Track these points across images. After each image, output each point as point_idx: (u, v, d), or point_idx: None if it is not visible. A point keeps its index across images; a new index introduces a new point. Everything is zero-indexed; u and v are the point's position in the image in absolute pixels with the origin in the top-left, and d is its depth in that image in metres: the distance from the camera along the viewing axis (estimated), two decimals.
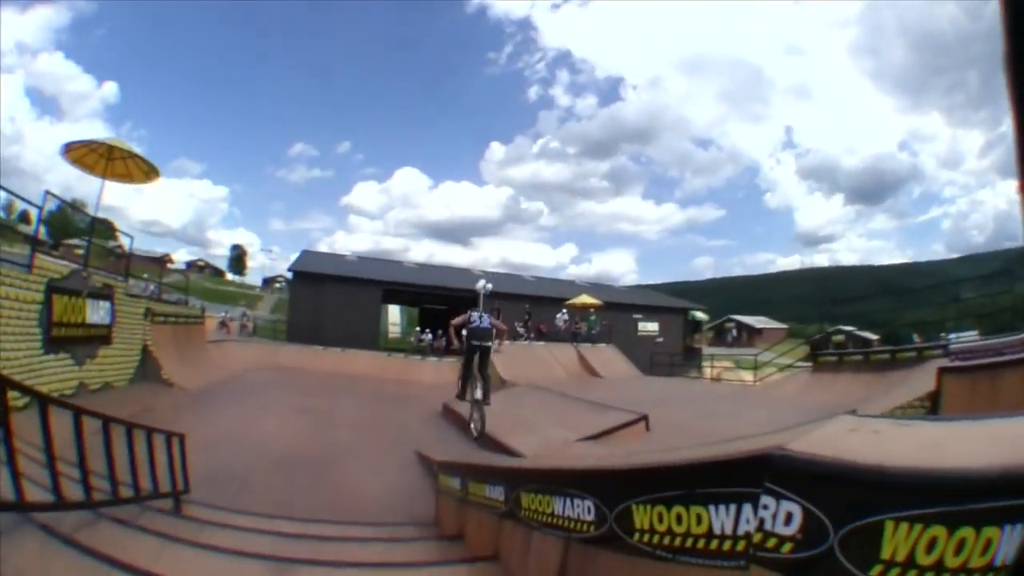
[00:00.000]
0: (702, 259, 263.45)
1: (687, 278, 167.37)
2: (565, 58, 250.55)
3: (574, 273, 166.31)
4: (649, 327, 33.65)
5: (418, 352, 24.68)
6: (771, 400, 12.97)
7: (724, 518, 1.57)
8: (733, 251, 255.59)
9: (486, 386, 6.93)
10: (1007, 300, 12.93)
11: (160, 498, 4.19)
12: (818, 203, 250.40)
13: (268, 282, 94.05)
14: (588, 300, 25.85)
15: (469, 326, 7.11)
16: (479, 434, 7.00)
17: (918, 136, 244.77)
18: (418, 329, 31.12)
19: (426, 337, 27.16)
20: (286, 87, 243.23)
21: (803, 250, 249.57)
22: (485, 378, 7.02)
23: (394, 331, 40.10)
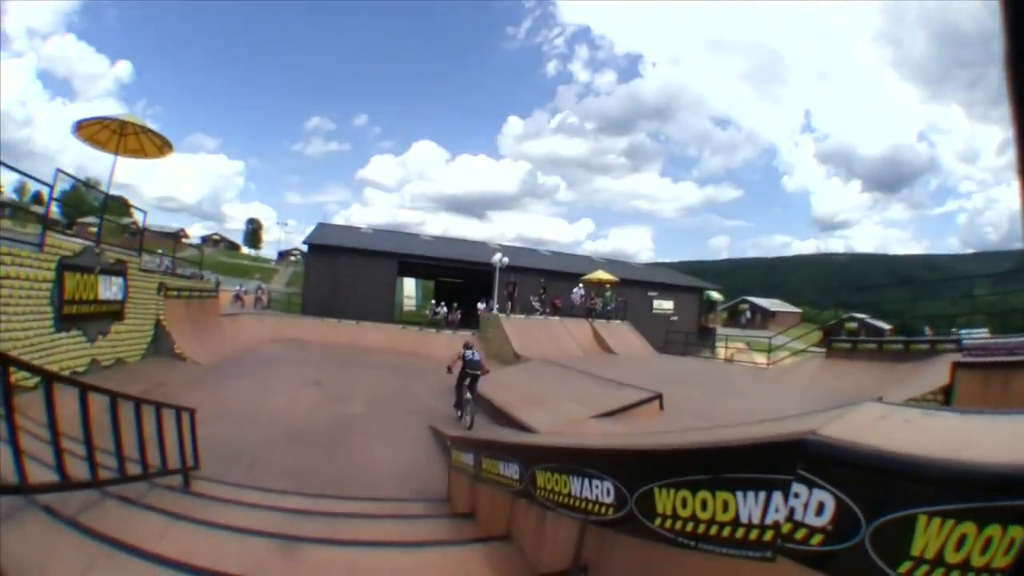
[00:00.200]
0: (718, 239, 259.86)
1: (702, 257, 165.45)
2: (584, 34, 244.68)
3: (590, 249, 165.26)
4: (664, 305, 33.37)
5: (433, 325, 24.72)
6: (785, 384, 12.84)
7: (752, 506, 1.48)
8: (749, 232, 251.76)
9: (474, 397, 9.29)
10: (1019, 300, 12.67)
11: (169, 475, 4.17)
12: (835, 188, 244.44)
13: (283, 255, 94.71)
14: (604, 276, 25.57)
15: (465, 359, 9.49)
16: (469, 427, 8.80)
17: (937, 128, 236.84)
18: (433, 302, 31.13)
19: (441, 310, 27.17)
20: (303, 60, 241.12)
21: (819, 235, 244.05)
22: (473, 392, 9.32)
23: (409, 304, 40.28)
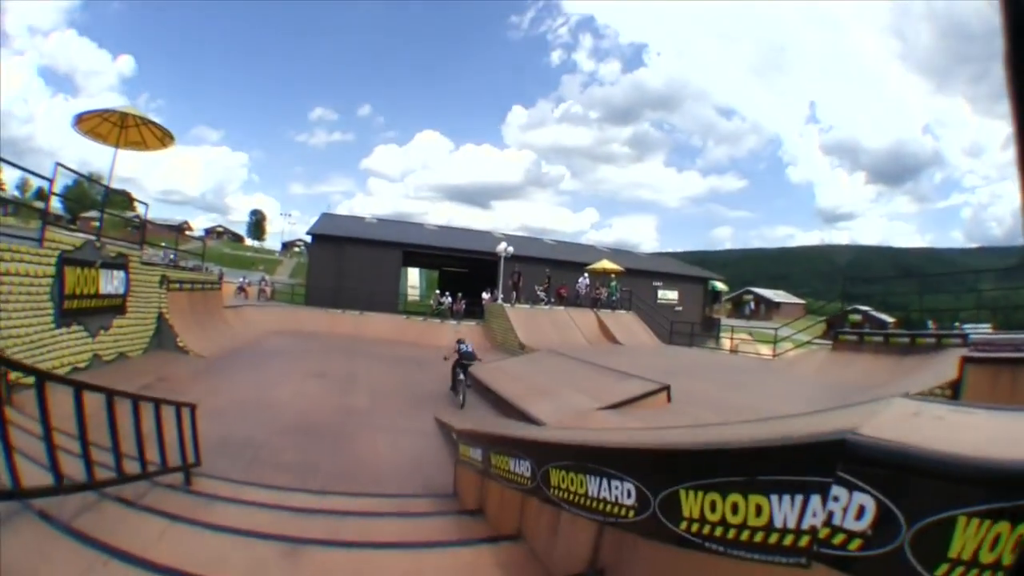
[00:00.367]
0: (722, 229, 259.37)
1: (706, 247, 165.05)
2: (589, 23, 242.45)
3: (594, 238, 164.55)
4: (669, 295, 33.20)
5: (437, 315, 24.64)
6: (792, 375, 12.76)
7: (788, 510, 1.40)
8: (753, 223, 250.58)
9: (467, 381, 10.81)
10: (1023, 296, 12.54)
11: (169, 473, 4.09)
12: (840, 180, 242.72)
13: (287, 246, 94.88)
14: (609, 266, 25.40)
15: (460, 352, 10.92)
16: (462, 405, 10.37)
17: (942, 122, 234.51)
18: (437, 292, 31.04)
19: (446, 300, 27.09)
20: (306, 51, 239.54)
21: (823, 226, 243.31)
22: (467, 376, 10.86)
23: (413, 294, 40.21)
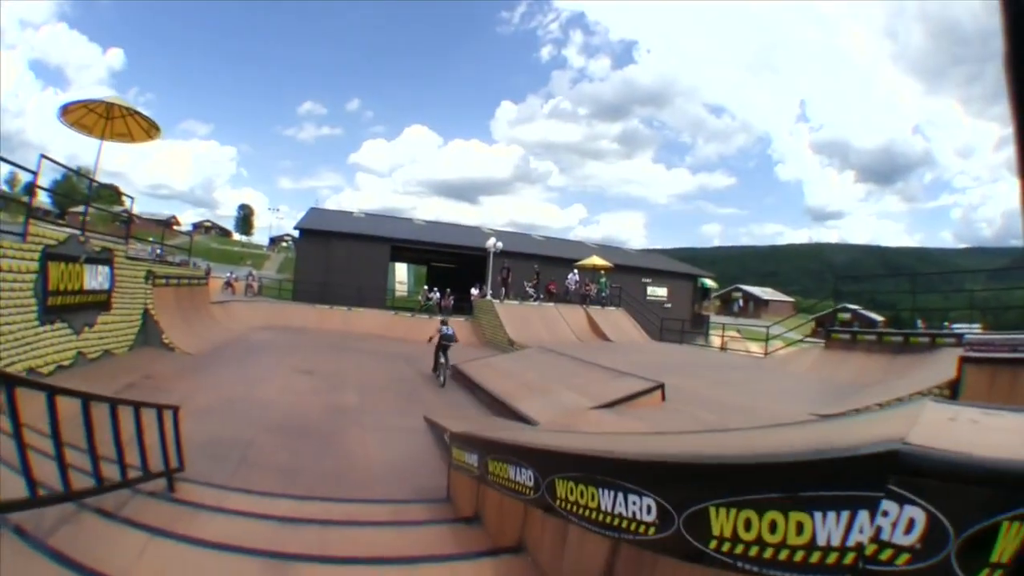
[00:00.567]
0: (710, 226, 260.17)
1: (695, 244, 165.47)
2: (579, 19, 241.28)
3: (582, 234, 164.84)
4: (658, 292, 33.23)
5: (426, 311, 24.47)
6: (785, 374, 12.75)
7: (833, 527, 1.32)
8: (742, 220, 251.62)
9: (447, 362, 12.05)
10: (1014, 297, 12.65)
11: (152, 479, 3.95)
12: (829, 179, 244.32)
13: (275, 241, 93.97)
14: (598, 262, 25.35)
15: (441, 333, 12.13)
16: (443, 384, 11.66)
17: (933, 122, 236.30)
18: (426, 287, 30.84)
19: (434, 295, 26.91)
20: (296, 45, 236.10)
21: (812, 224, 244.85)
22: (447, 358, 12.06)
23: (401, 289, 39.93)
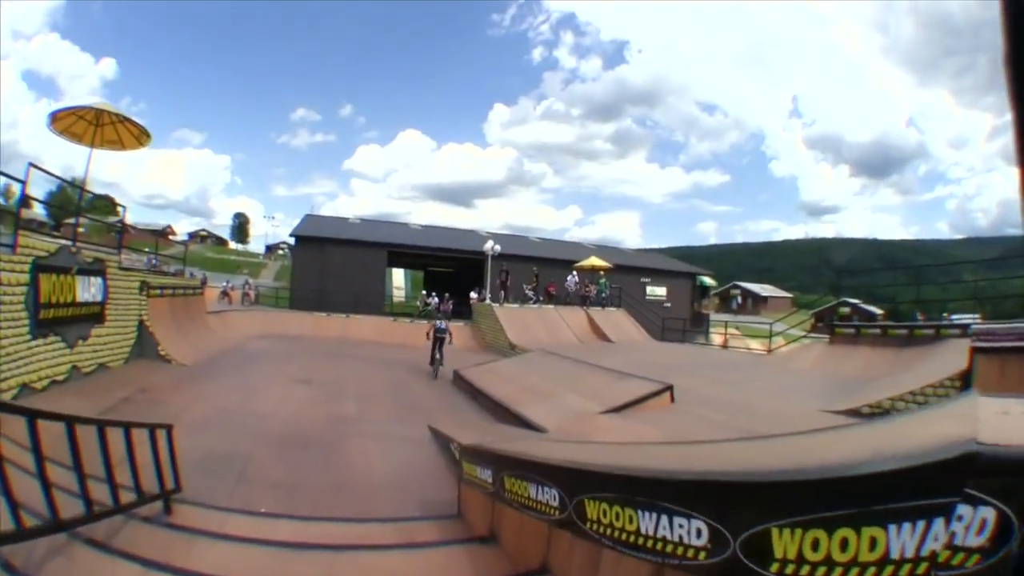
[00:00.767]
0: (705, 224, 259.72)
1: (690, 243, 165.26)
2: (570, 20, 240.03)
3: (577, 235, 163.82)
4: (657, 291, 33.05)
5: (424, 316, 24.24)
6: (792, 371, 12.63)
7: (907, 538, 1.25)
8: (737, 218, 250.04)
9: (442, 355, 13.35)
10: (1011, 286, 12.55)
11: (146, 503, 3.76)
12: (824, 173, 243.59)
13: (271, 249, 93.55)
14: (597, 262, 25.17)
15: (436, 328, 13.57)
16: (435, 376, 12.90)
17: (926, 114, 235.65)
18: (424, 292, 30.61)
19: (432, 300, 26.68)
20: (287, 52, 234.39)
21: (807, 219, 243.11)
22: (442, 353, 13.38)
23: (399, 295, 39.71)
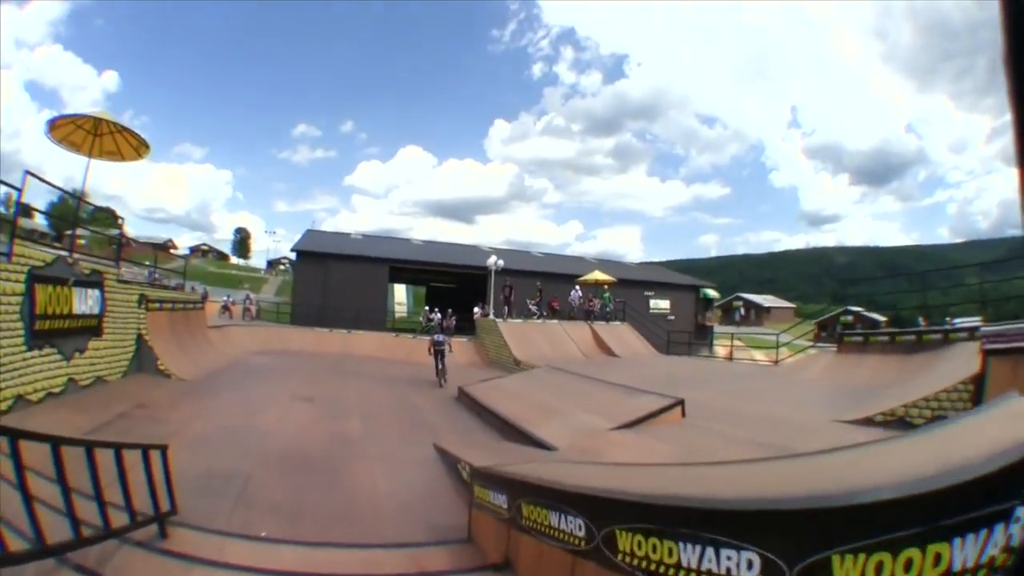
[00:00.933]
0: (707, 237, 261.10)
1: (692, 256, 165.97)
2: (569, 35, 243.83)
3: (579, 250, 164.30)
4: (661, 304, 32.87)
5: (426, 332, 23.98)
6: (801, 381, 12.44)
7: (970, 549, 1.23)
8: (738, 229, 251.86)
9: (444, 366, 14.21)
10: (1013, 288, 12.43)
11: (141, 527, 3.52)
12: (824, 183, 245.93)
13: (272, 264, 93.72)
14: (601, 276, 24.99)
15: (434, 341, 14.38)
16: (440, 385, 13.67)
17: (925, 119, 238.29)
18: (426, 308, 30.39)
19: (435, 316, 26.43)
20: (288, 68, 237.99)
21: (808, 229, 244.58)
22: (443, 363, 14.21)
23: (400, 310, 39.54)
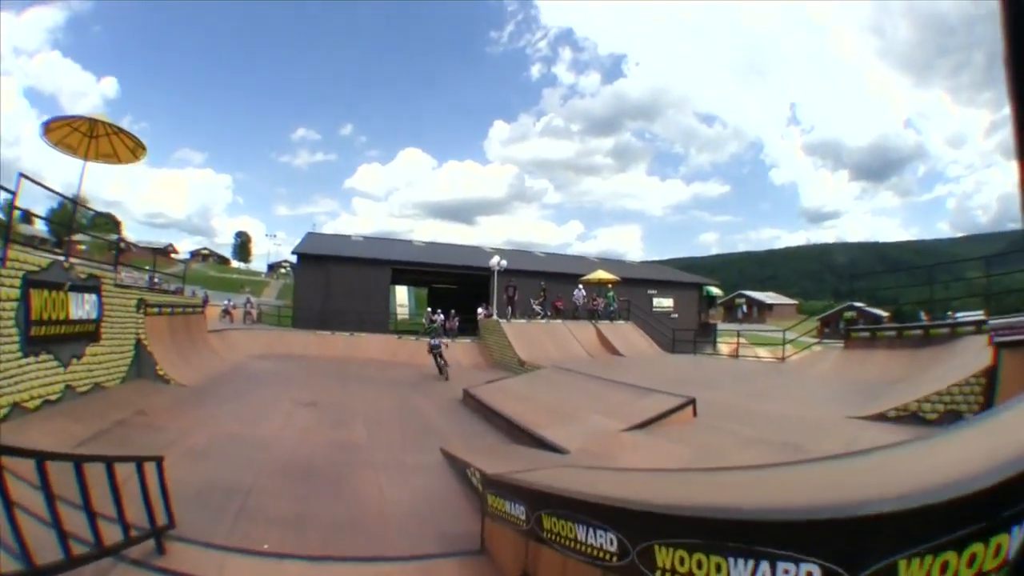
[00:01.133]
0: (707, 235, 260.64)
1: (692, 254, 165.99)
2: (567, 36, 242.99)
3: (580, 250, 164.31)
4: (664, 303, 32.68)
5: (430, 333, 23.79)
6: (810, 378, 12.32)
7: (1016, 535, 1.21)
8: (738, 227, 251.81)
9: (445, 362, 15.55)
10: (1014, 281, 12.33)
11: (136, 543, 3.32)
12: (823, 179, 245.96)
13: (273, 268, 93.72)
14: (605, 276, 24.80)
15: (432, 344, 15.66)
16: (447, 377, 14.98)
17: (923, 114, 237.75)
18: (429, 310, 30.20)
19: (438, 318, 26.23)
20: (288, 72, 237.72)
21: (808, 226, 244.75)
22: (444, 359, 15.55)
23: (402, 313, 39.34)
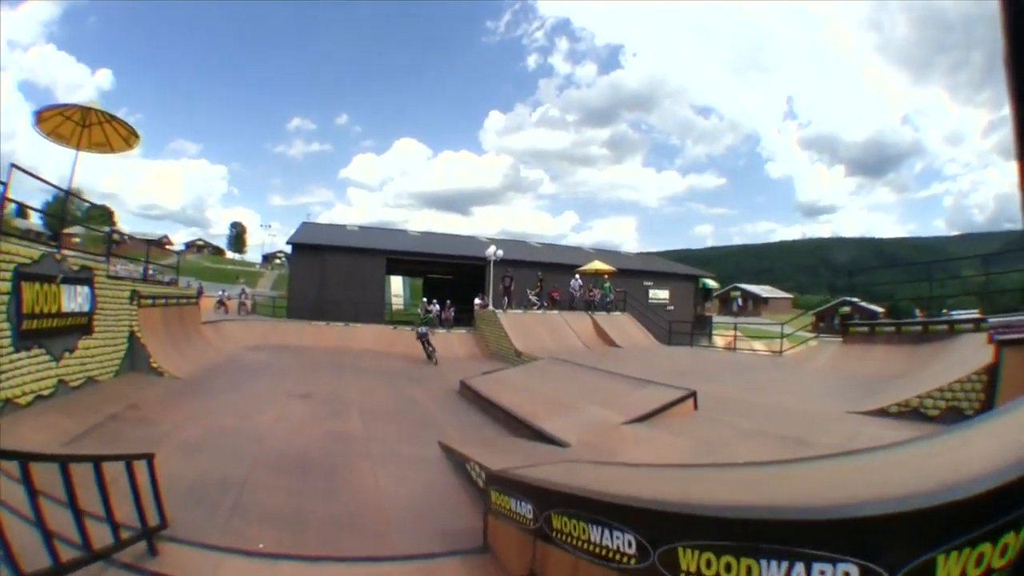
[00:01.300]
0: (702, 227, 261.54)
1: (688, 246, 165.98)
2: (564, 26, 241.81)
3: (575, 241, 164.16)
4: (660, 295, 32.56)
5: (425, 324, 23.70)
6: (808, 372, 12.31)
7: None
8: (733, 220, 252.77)
9: (433, 347, 16.93)
10: (1009, 280, 12.33)
11: (127, 546, 3.24)
12: (820, 174, 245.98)
13: (268, 258, 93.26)
14: (601, 266, 24.68)
15: (419, 333, 17.13)
16: (436, 362, 16.32)
17: (921, 112, 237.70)
18: (424, 300, 30.09)
19: (433, 308, 26.14)
20: (283, 62, 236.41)
21: (804, 220, 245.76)
22: (431, 344, 17.00)
23: (397, 303, 39.13)
